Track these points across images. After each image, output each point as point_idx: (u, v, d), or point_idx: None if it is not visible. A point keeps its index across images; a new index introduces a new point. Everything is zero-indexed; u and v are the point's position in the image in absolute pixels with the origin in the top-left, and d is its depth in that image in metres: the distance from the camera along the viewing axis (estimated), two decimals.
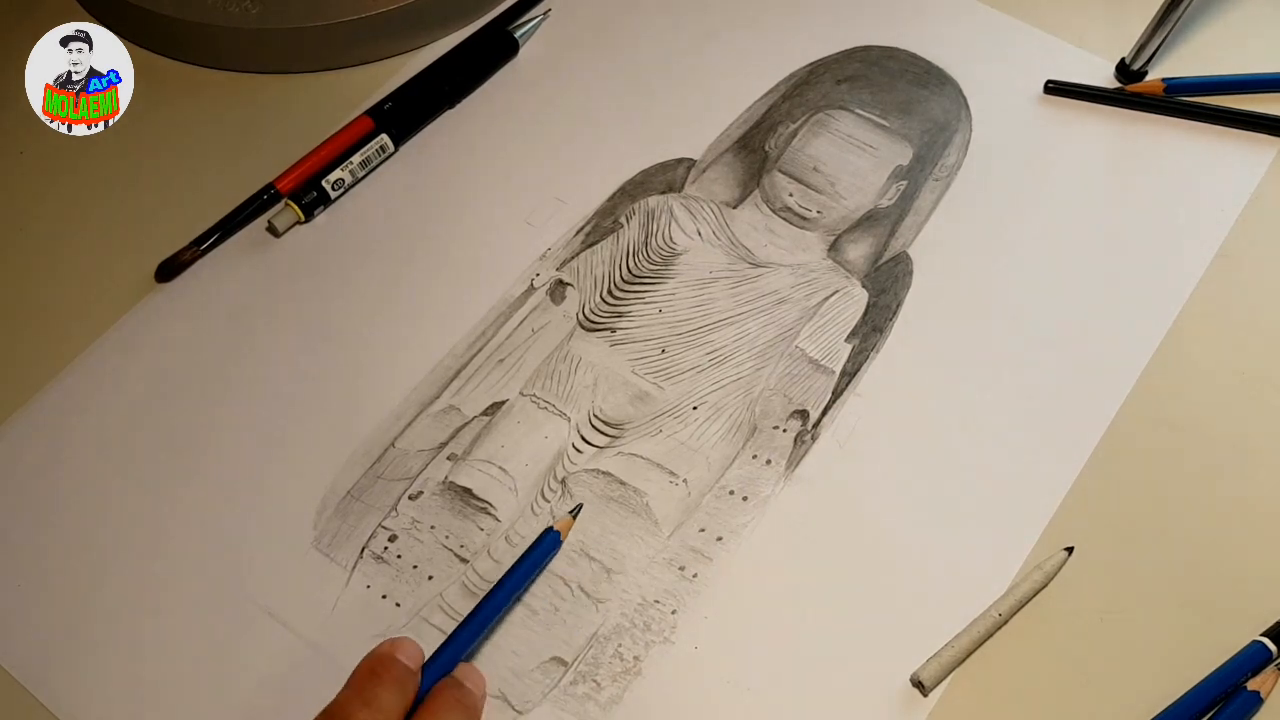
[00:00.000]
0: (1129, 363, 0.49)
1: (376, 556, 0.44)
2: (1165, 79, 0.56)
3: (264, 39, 0.57)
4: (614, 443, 0.47)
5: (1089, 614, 0.43)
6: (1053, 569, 0.44)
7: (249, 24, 0.56)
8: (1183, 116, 0.56)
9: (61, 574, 0.44)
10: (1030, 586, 0.43)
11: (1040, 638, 0.43)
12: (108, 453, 0.47)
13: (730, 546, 0.45)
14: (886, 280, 0.51)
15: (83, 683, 0.42)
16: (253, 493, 0.46)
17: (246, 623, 0.43)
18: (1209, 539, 0.45)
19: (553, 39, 0.60)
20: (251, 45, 0.57)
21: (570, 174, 0.55)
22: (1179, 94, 0.56)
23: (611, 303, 0.51)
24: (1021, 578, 0.44)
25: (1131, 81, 0.57)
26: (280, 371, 0.49)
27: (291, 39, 0.57)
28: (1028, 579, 0.44)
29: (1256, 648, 0.42)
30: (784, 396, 0.48)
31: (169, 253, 0.52)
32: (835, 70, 0.58)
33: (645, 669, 0.42)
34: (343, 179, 0.53)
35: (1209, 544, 0.45)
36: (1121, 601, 0.44)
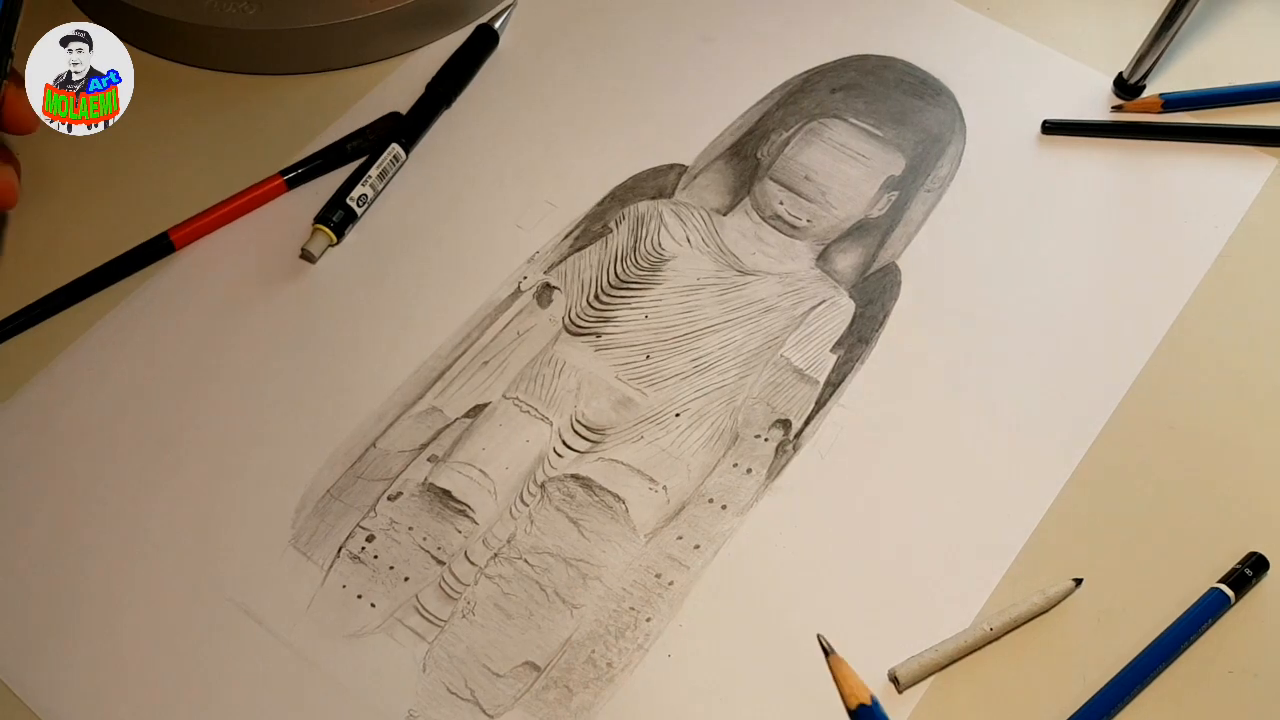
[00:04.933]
0: (1118, 377, 0.49)
1: (354, 556, 0.44)
2: (1163, 94, 0.56)
3: (261, 40, 0.57)
4: (595, 448, 0.47)
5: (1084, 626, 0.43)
6: (1056, 596, 0.43)
7: (246, 25, 0.57)
8: (1180, 139, 0.55)
9: (39, 569, 0.44)
10: (1029, 609, 0.43)
11: (1034, 650, 0.43)
12: (88, 448, 0.47)
13: (707, 554, 0.45)
14: (875, 291, 0.51)
15: (59, 677, 0.42)
16: (233, 490, 0.46)
17: (223, 619, 0.43)
18: (1198, 557, 0.45)
19: (540, 36, 0.60)
20: (248, 46, 0.57)
21: (561, 177, 0.55)
22: (1177, 109, 0.56)
23: (598, 308, 0.51)
24: (1022, 599, 0.43)
25: (1130, 96, 0.57)
26: (264, 370, 0.49)
27: (288, 40, 0.57)
28: (1028, 601, 0.43)
29: (1215, 595, 0.43)
30: (767, 405, 0.48)
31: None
32: (830, 78, 0.58)
33: (618, 676, 0.42)
34: (365, 194, 0.53)
35: (1198, 562, 0.44)
36: (1113, 612, 0.43)
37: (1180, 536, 0.45)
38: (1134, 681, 0.41)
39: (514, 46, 0.59)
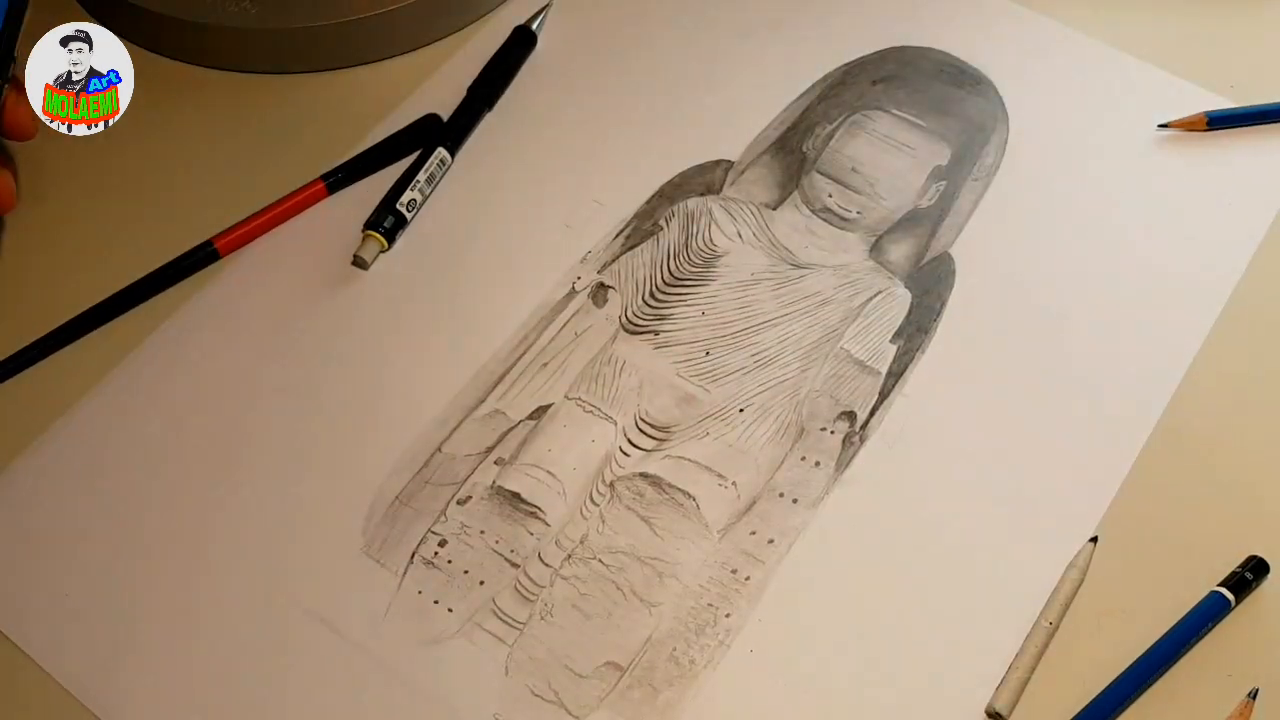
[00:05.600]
0: (1173, 360, 0.49)
1: (427, 562, 0.44)
2: (1208, 112, 0.56)
3: (263, 39, 0.57)
4: (661, 445, 0.47)
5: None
6: (1084, 562, 0.43)
7: (248, 24, 0.56)
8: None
9: (108, 582, 0.44)
10: (1070, 586, 0.43)
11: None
12: (152, 459, 0.47)
13: (782, 549, 0.45)
14: (929, 280, 0.51)
15: (131, 690, 0.42)
16: (300, 499, 0.46)
17: (296, 628, 0.43)
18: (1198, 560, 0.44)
19: (579, 37, 0.60)
20: (250, 45, 0.57)
21: (607, 176, 0.55)
22: (1220, 126, 0.56)
23: (654, 305, 0.51)
24: (1060, 580, 0.43)
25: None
26: (322, 377, 0.49)
27: (291, 39, 0.57)
28: (1065, 579, 0.43)
29: (1215, 598, 0.43)
30: (831, 398, 0.48)
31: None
32: (870, 71, 0.58)
33: (701, 673, 0.42)
34: (414, 199, 0.53)
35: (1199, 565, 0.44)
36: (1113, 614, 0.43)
37: (1180, 539, 0.45)
38: (1133, 685, 0.41)
39: (552, 47, 0.59)
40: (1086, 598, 0.43)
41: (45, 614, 0.43)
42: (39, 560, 0.44)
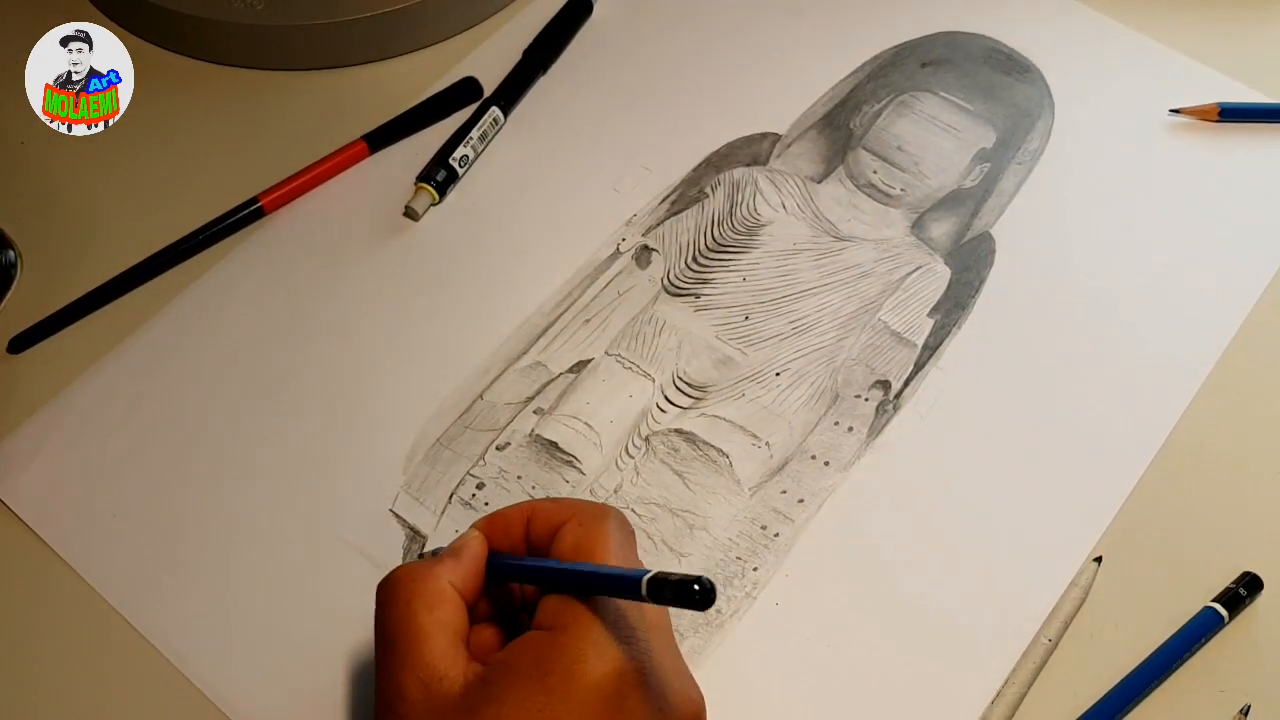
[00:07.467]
0: (1207, 347, 0.49)
1: (464, 503, 0.45)
2: (1220, 103, 0.56)
3: (269, 35, 0.57)
4: (697, 404, 0.48)
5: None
6: (1087, 582, 0.44)
7: (254, 20, 0.56)
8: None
9: (156, 505, 0.45)
10: (1071, 605, 0.43)
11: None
12: (202, 391, 0.48)
13: (811, 508, 0.45)
14: (969, 258, 0.52)
15: (174, 610, 0.43)
16: (343, 437, 0.47)
17: (335, 558, 0.44)
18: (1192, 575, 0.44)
19: (635, 7, 0.60)
20: (256, 41, 0.57)
21: (656, 144, 0.56)
22: (1232, 119, 0.56)
23: (696, 269, 0.51)
24: (1060, 599, 0.43)
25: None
26: (370, 322, 0.50)
27: (297, 36, 0.57)
28: (1066, 597, 0.43)
29: (1208, 614, 0.43)
30: (866, 367, 0.49)
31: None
32: (920, 53, 0.59)
33: (727, 623, 0.43)
34: (466, 155, 0.54)
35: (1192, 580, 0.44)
36: (1107, 629, 0.43)
37: (1175, 555, 0.45)
38: (1126, 699, 0.41)
39: (607, 17, 0.60)
40: (1080, 614, 0.43)
41: (93, 532, 0.45)
42: (90, 480, 0.46)
